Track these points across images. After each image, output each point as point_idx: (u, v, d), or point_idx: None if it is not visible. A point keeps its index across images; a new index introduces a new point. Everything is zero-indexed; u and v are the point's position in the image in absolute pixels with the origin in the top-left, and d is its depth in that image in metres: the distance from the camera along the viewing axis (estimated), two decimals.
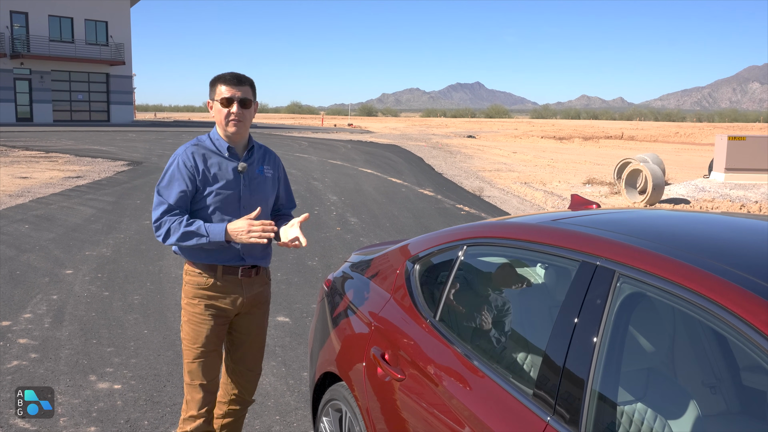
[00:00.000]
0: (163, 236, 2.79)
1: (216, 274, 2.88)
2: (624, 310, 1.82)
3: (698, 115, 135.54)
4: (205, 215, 2.84)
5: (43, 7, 40.71)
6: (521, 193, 14.61)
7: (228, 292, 2.91)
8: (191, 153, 2.83)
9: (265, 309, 3.10)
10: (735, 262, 1.73)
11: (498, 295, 2.60)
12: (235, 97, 2.80)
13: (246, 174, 2.90)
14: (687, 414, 1.87)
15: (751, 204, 12.83)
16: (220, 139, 2.90)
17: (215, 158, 2.86)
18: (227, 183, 2.85)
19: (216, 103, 2.83)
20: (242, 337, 3.04)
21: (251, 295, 2.98)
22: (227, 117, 2.81)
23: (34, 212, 10.33)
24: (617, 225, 2.25)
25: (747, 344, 1.50)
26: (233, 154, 2.90)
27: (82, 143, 25.12)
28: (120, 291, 6.24)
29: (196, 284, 2.90)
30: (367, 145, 28.97)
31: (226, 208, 2.85)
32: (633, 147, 34.74)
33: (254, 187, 2.93)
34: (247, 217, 2.76)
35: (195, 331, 2.89)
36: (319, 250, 8.13)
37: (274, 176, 3.04)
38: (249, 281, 2.95)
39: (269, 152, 3.08)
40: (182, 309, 2.96)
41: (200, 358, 2.90)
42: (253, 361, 3.10)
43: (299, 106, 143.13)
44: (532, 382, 1.94)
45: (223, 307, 2.91)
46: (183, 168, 2.80)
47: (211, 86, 2.87)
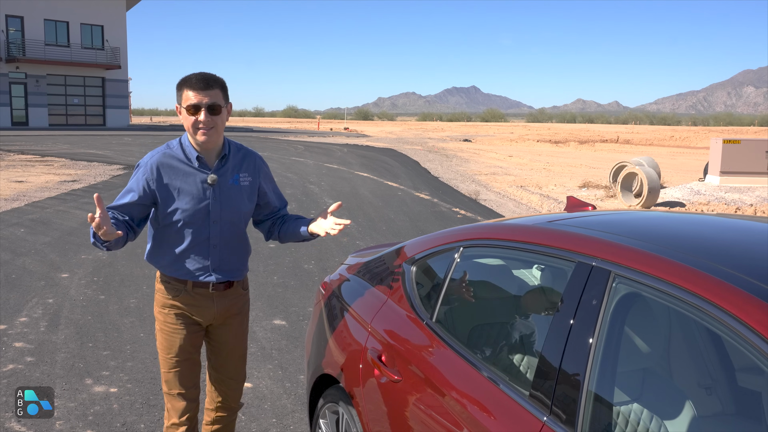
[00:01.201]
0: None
1: (186, 287, 2.74)
2: (620, 310, 1.83)
3: (693, 118, 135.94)
4: (174, 230, 2.68)
5: (39, 11, 40.69)
6: (517, 197, 14.63)
7: (199, 305, 2.77)
8: (156, 165, 2.62)
9: (241, 318, 2.93)
10: (730, 262, 1.74)
11: (494, 296, 2.61)
12: (202, 103, 2.55)
13: (217, 186, 2.68)
14: (683, 414, 1.87)
15: (746, 207, 12.87)
16: (190, 147, 2.67)
17: (183, 169, 2.65)
18: (194, 197, 2.64)
19: (182, 110, 2.60)
20: (220, 347, 2.91)
21: (224, 307, 2.82)
22: (195, 126, 2.58)
23: (30, 216, 10.31)
24: (613, 226, 2.26)
25: (742, 343, 1.51)
26: (204, 165, 2.67)
27: (78, 147, 25.08)
28: (116, 294, 6.23)
29: (165, 293, 2.77)
30: (363, 149, 28.99)
31: (194, 222, 2.67)
32: (628, 151, 34.82)
33: (225, 200, 2.70)
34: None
35: (168, 340, 2.77)
36: (315, 254, 8.13)
37: (253, 183, 2.80)
38: (222, 294, 2.80)
39: (249, 156, 2.82)
40: (155, 318, 2.84)
41: (176, 368, 2.78)
42: (234, 369, 2.96)
43: (295, 110, 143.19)
44: (528, 383, 1.95)
45: (194, 318, 2.79)
46: (142, 179, 2.62)
47: (177, 90, 2.63)
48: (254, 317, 5.61)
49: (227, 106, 2.67)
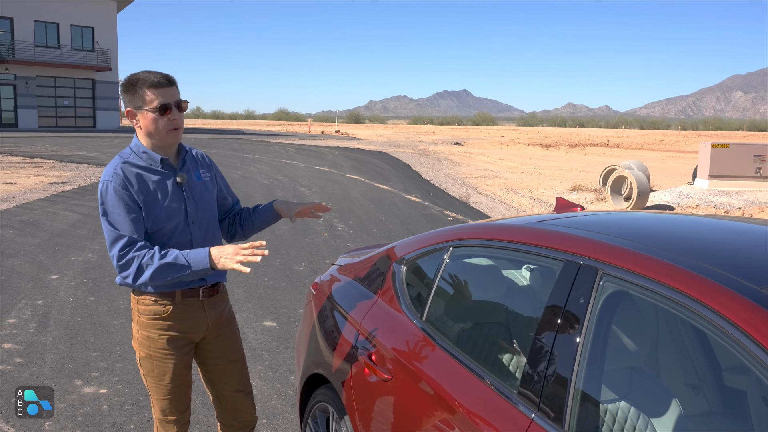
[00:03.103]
0: (133, 275, 2.40)
1: (174, 300, 2.54)
2: (607, 308, 1.85)
3: (683, 123, 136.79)
4: (155, 241, 2.50)
5: (29, 12, 40.52)
6: (508, 200, 14.68)
7: (190, 318, 2.59)
8: (122, 175, 2.44)
9: (233, 326, 2.81)
10: (716, 261, 1.77)
11: (484, 295, 2.62)
12: (172, 102, 2.45)
13: (186, 185, 2.57)
14: (669, 412, 1.89)
15: (735, 210, 12.97)
16: (148, 151, 2.51)
17: (149, 175, 2.49)
18: (170, 202, 2.51)
19: (146, 111, 2.44)
20: (217, 361, 2.74)
21: (216, 316, 2.68)
22: (168, 126, 2.45)
23: (19, 218, 10.26)
24: (601, 226, 2.28)
25: (728, 341, 1.53)
26: (168, 166, 2.54)
27: (68, 149, 24.97)
28: (106, 296, 6.21)
29: (153, 314, 2.54)
30: (354, 152, 29.00)
31: (175, 228, 2.52)
32: (618, 154, 35.00)
33: (198, 197, 2.61)
34: (239, 245, 2.42)
35: (160, 367, 2.58)
36: (306, 256, 8.13)
37: (212, 179, 2.72)
38: (211, 301, 2.65)
39: (198, 153, 2.74)
40: (137, 342, 2.60)
41: (171, 395, 2.61)
42: (240, 381, 2.80)
43: (286, 113, 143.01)
44: (517, 381, 1.97)
45: (186, 334, 2.60)
46: (121, 192, 2.42)
47: (129, 91, 2.46)
48: (245, 319, 5.61)
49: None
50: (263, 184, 15.45)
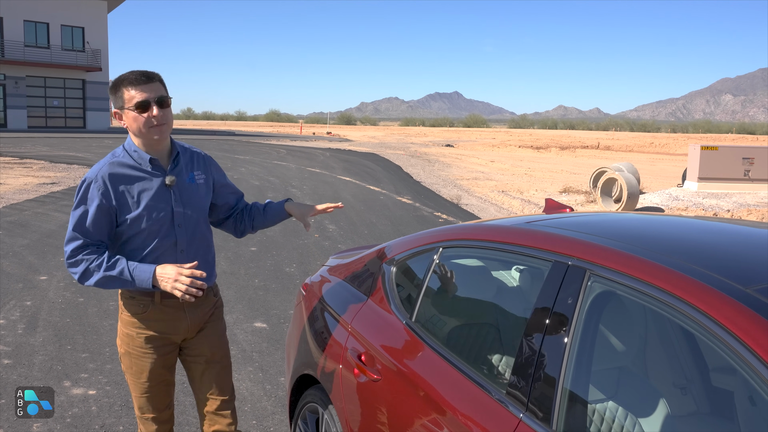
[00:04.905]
0: (79, 276, 2.39)
1: (153, 300, 2.51)
2: (595, 308, 1.86)
3: (673, 125, 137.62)
4: (139, 242, 2.47)
5: (19, 11, 40.30)
6: (499, 201, 14.71)
7: (169, 318, 2.55)
8: (107, 175, 2.41)
9: (217, 325, 2.72)
10: (703, 262, 1.78)
11: (473, 296, 2.63)
12: (150, 98, 2.39)
13: (176, 187, 2.51)
14: (657, 412, 1.91)
15: (724, 212, 13.05)
16: (138, 150, 2.47)
17: (137, 175, 2.45)
18: (156, 203, 2.46)
19: (127, 110, 2.40)
20: (198, 360, 2.66)
21: (197, 318, 2.61)
22: (147, 124, 2.39)
23: (8, 218, 10.20)
24: (589, 227, 2.29)
25: (714, 341, 1.54)
26: (157, 167, 2.49)
27: (58, 150, 24.84)
28: (95, 297, 6.18)
29: (131, 311, 2.53)
30: (345, 154, 28.99)
31: (159, 230, 2.47)
32: (609, 157, 35.14)
33: (187, 200, 2.54)
34: (181, 266, 2.38)
35: (137, 365, 2.57)
36: (296, 257, 8.13)
37: (207, 181, 2.65)
38: (193, 304, 2.58)
39: (196, 154, 2.67)
40: (119, 338, 2.61)
41: (148, 393, 2.59)
42: (218, 384, 2.67)
43: (278, 114, 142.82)
44: (505, 380, 1.98)
45: (164, 335, 2.56)
46: (96, 194, 2.39)
47: (113, 92, 2.44)
48: (235, 320, 5.60)
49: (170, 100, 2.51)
50: (254, 185, 15.42)
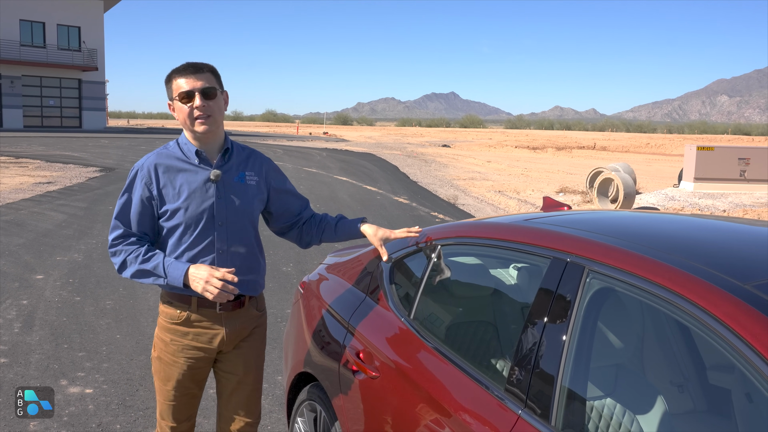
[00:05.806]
0: (118, 266, 2.39)
1: (190, 307, 2.42)
2: (593, 304, 1.86)
3: (669, 126, 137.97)
4: (176, 236, 2.39)
5: (15, 11, 40.18)
6: (495, 201, 14.73)
7: (205, 328, 2.45)
8: (153, 165, 2.38)
9: (255, 343, 2.58)
10: (701, 258, 1.78)
11: (471, 293, 2.64)
12: (195, 88, 2.33)
13: (221, 183, 2.41)
14: (654, 409, 1.91)
15: (719, 213, 13.09)
16: (188, 143, 2.43)
17: (182, 167, 2.40)
18: (197, 197, 2.38)
19: (175, 101, 2.37)
20: (230, 378, 2.55)
21: (234, 331, 2.49)
22: (191, 115, 2.34)
23: (4, 217, 10.17)
24: (587, 224, 2.30)
25: (712, 336, 1.55)
26: (204, 160, 2.42)
27: (53, 149, 24.78)
28: (92, 296, 6.17)
29: (168, 317, 2.46)
30: (342, 154, 28.98)
31: (197, 225, 2.38)
32: (605, 157, 35.21)
33: (232, 199, 2.42)
34: (215, 268, 2.30)
35: (166, 371, 2.49)
36: (293, 256, 8.12)
37: (259, 184, 2.52)
38: (231, 315, 2.47)
39: (254, 155, 2.58)
40: (155, 339, 2.55)
41: (171, 401, 2.51)
42: (248, 408, 2.58)
43: (274, 114, 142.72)
44: (504, 377, 1.98)
45: (199, 347, 2.46)
46: (140, 184, 2.37)
47: (167, 85, 2.41)
48: None
49: (223, 93, 2.46)
50: None
